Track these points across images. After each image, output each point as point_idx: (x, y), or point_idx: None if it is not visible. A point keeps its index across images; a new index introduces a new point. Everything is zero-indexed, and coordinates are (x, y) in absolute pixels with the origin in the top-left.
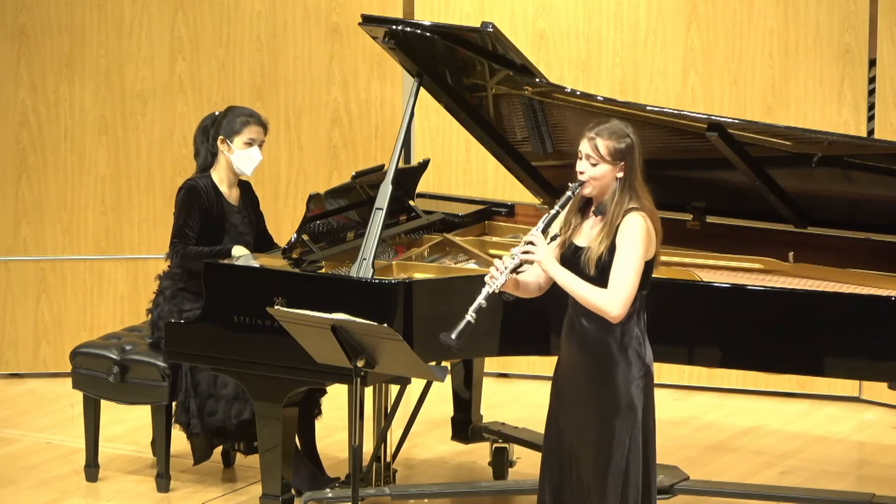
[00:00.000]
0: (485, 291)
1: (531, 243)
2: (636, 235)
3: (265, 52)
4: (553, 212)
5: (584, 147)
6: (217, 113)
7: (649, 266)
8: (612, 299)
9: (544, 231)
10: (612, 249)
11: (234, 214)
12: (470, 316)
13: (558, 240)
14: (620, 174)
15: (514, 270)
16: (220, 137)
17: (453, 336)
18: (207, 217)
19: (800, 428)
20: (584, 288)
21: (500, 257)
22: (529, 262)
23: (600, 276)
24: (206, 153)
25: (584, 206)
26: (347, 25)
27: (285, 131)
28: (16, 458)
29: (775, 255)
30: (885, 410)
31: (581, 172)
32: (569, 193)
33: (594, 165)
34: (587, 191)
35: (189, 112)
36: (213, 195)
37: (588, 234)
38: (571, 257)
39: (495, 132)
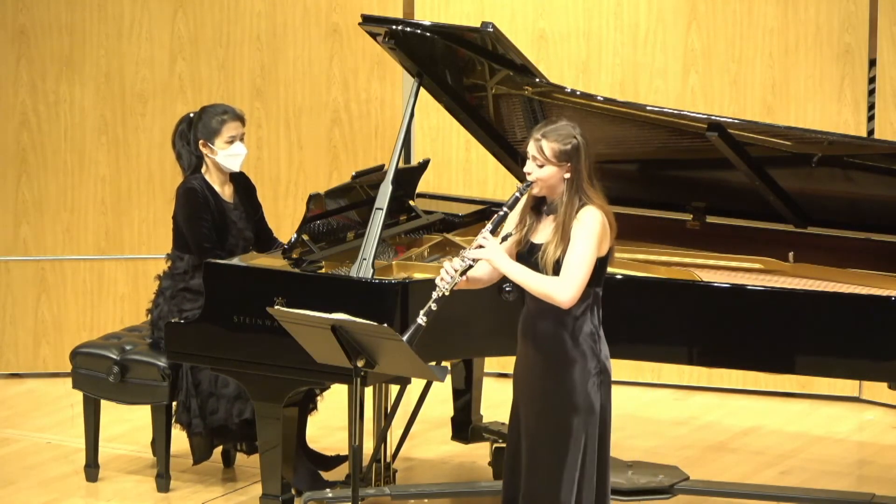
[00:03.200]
0: (435, 295)
1: (481, 245)
2: (591, 228)
3: (265, 52)
4: (501, 213)
5: (531, 148)
6: (191, 115)
7: (603, 262)
8: (562, 285)
9: (493, 232)
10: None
11: (232, 212)
12: (421, 319)
13: (511, 238)
14: (567, 175)
15: (465, 272)
16: (201, 141)
17: (404, 340)
18: (210, 216)
19: (800, 428)
20: (533, 278)
21: (449, 260)
22: (481, 259)
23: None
24: (190, 156)
25: (539, 205)
26: (347, 25)
27: (285, 131)
28: (16, 458)
29: (775, 255)
30: (885, 410)
31: (528, 173)
32: (516, 194)
33: (540, 167)
34: (535, 191)
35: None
36: (210, 195)
37: (544, 232)
38: (528, 254)
39: (495, 132)
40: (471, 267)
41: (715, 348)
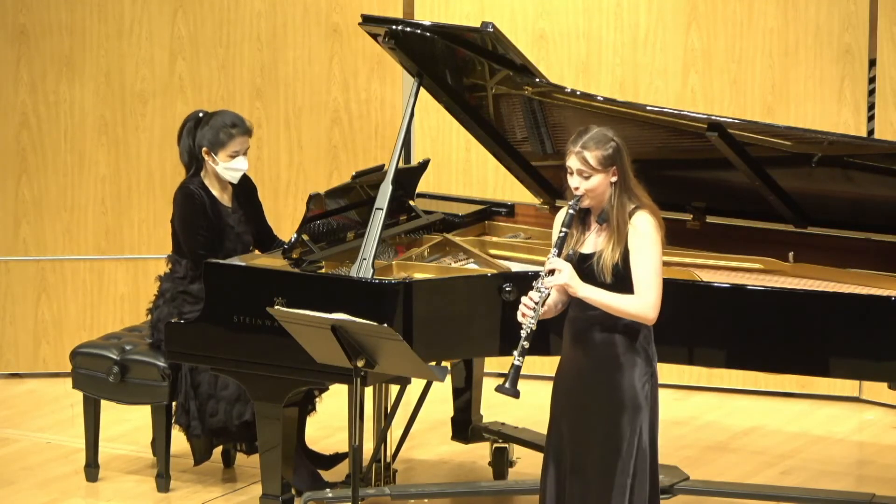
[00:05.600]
0: (524, 333)
1: (553, 270)
2: (649, 233)
3: (265, 52)
4: (562, 234)
5: (573, 163)
6: (201, 114)
7: None
8: (646, 303)
9: (559, 255)
10: (626, 255)
11: (229, 216)
12: (517, 361)
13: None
14: (614, 178)
15: (545, 302)
16: (204, 149)
17: (508, 386)
18: (207, 223)
19: (800, 428)
20: (615, 299)
21: (527, 294)
22: (557, 286)
23: (617, 284)
24: (191, 158)
25: (584, 216)
26: (347, 25)
27: (285, 131)
28: (16, 458)
29: (775, 255)
30: (885, 410)
31: (576, 188)
32: (570, 212)
33: (587, 178)
34: (585, 203)
35: (189, 112)
36: (208, 200)
37: (593, 242)
38: (579, 267)
39: (495, 132)
40: (548, 295)
41: (715, 348)
